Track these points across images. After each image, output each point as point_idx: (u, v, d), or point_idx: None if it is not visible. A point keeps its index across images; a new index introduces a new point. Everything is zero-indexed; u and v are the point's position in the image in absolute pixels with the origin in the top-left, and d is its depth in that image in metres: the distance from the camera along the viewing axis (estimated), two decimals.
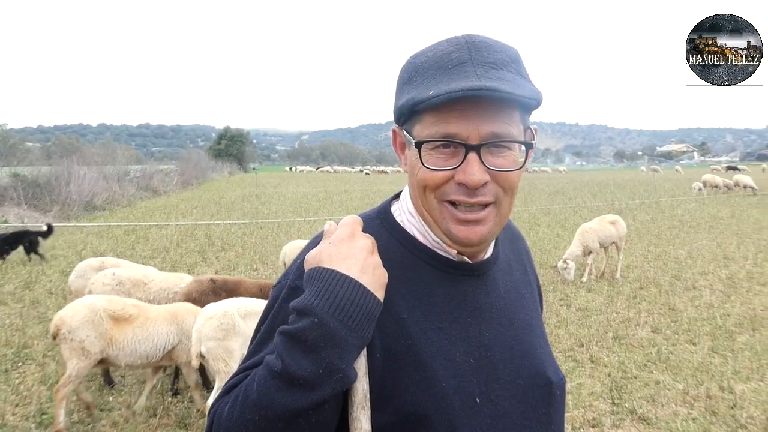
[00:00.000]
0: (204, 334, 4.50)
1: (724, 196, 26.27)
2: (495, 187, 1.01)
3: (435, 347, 1.02)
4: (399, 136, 1.09)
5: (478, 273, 1.11)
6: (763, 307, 7.85)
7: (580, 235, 9.73)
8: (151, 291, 5.51)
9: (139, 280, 5.54)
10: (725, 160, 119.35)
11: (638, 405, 4.95)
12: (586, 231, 9.78)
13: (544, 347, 1.18)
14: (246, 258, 11.55)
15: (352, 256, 0.94)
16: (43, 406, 4.98)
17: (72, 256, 11.64)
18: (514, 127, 0.99)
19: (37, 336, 6.73)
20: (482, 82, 0.92)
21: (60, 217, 18.38)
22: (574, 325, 7.17)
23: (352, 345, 0.89)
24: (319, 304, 0.88)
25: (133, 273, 5.62)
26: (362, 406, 0.95)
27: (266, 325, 1.04)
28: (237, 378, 0.98)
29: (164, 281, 5.64)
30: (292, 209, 22.11)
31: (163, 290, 5.56)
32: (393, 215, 1.15)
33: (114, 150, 36.36)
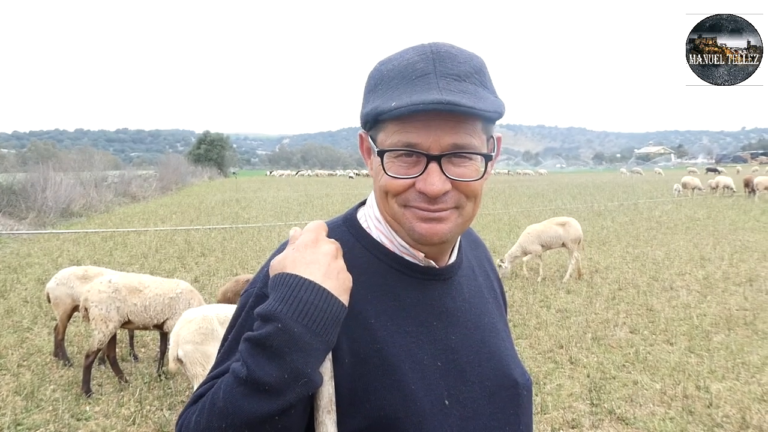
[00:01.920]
0: (182, 338, 4.49)
1: (701, 198, 26.70)
2: (456, 194, 1.02)
3: (403, 351, 1.03)
4: (365, 141, 1.10)
5: (444, 277, 1.13)
6: (738, 307, 7.97)
7: (522, 237, 9.96)
8: (147, 297, 5.52)
9: (134, 287, 5.55)
10: (701, 162, 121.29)
11: (617, 405, 5.00)
12: (528, 233, 9.97)
13: (509, 349, 1.20)
14: (226, 263, 11.46)
15: (316, 261, 0.95)
16: (18, 416, 4.88)
17: (48, 263, 11.45)
18: (476, 138, 1.00)
19: (11, 345, 6.60)
20: (443, 96, 0.93)
21: (36, 224, 18.08)
22: (554, 327, 7.22)
23: (316, 349, 0.90)
24: (283, 310, 0.89)
25: (129, 280, 5.63)
26: (328, 410, 0.95)
27: (234, 333, 1.04)
28: (204, 387, 0.97)
29: (160, 287, 5.64)
30: (272, 214, 22.02)
31: (158, 296, 5.56)
32: (359, 221, 1.16)
33: (91, 155, 35.94)
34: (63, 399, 5.21)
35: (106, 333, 5.36)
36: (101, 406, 5.14)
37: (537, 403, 5.07)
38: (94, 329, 5.37)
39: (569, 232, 9.93)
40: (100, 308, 5.34)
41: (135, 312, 5.46)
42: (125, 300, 5.44)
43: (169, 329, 5.53)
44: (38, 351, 6.46)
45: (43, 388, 5.47)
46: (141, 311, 5.47)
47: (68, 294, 6.01)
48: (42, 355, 6.33)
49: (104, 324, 5.34)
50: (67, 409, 5.01)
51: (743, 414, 4.77)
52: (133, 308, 5.45)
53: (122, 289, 5.46)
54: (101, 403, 5.19)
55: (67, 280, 6.08)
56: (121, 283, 5.50)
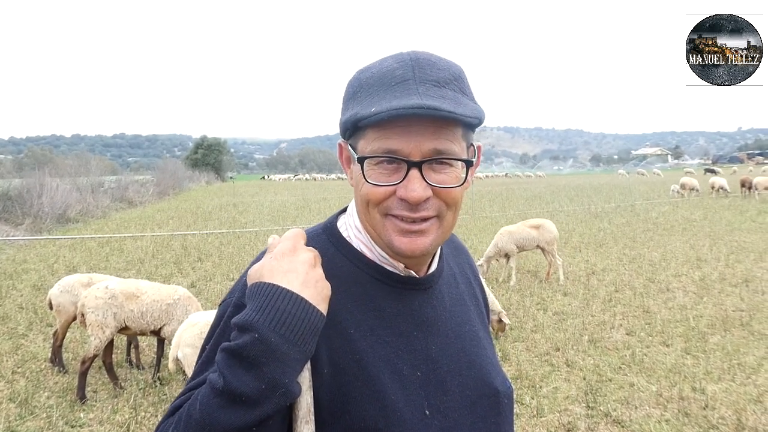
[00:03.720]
0: (183, 340, 4.56)
1: (697, 199, 26.73)
2: (437, 202, 1.01)
3: (382, 361, 1.02)
4: (345, 150, 1.10)
5: (425, 287, 1.12)
6: (734, 308, 7.98)
7: (496, 237, 10.01)
8: (144, 303, 5.51)
9: (131, 293, 5.54)
10: (698, 163, 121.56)
11: (613, 408, 4.99)
12: (501, 234, 10.01)
13: (491, 358, 1.19)
14: (223, 268, 11.44)
15: (294, 270, 0.93)
16: (12, 424, 4.86)
17: (44, 270, 11.43)
18: (456, 144, 1.00)
19: (6, 352, 6.58)
20: (423, 101, 0.93)
21: (32, 230, 18.04)
22: (551, 329, 7.22)
23: (294, 359, 0.89)
24: (260, 319, 0.87)
25: (127, 286, 5.61)
26: (306, 420, 0.94)
27: (211, 343, 1.03)
28: (181, 399, 0.96)
29: (157, 293, 5.62)
30: (270, 218, 21.99)
31: (155, 302, 5.54)
32: (339, 230, 1.15)
33: (88, 161, 35.82)
34: (57, 406, 5.19)
35: (103, 339, 5.35)
36: (95, 412, 5.12)
37: (533, 407, 5.06)
38: (91, 335, 5.37)
39: (543, 235, 9.95)
40: (97, 314, 5.34)
41: (132, 318, 5.45)
42: (122, 306, 5.43)
43: (166, 335, 5.52)
44: (33, 358, 6.43)
45: (37, 395, 5.45)
46: (138, 317, 5.46)
47: (72, 302, 5.95)
48: (37, 362, 6.31)
49: (101, 330, 5.33)
50: (61, 416, 5.00)
51: (739, 415, 4.77)
52: (129, 314, 5.44)
53: (119, 295, 5.45)
54: (95, 410, 5.17)
55: (72, 287, 6.04)
56: (118, 289, 5.49)
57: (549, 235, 9.95)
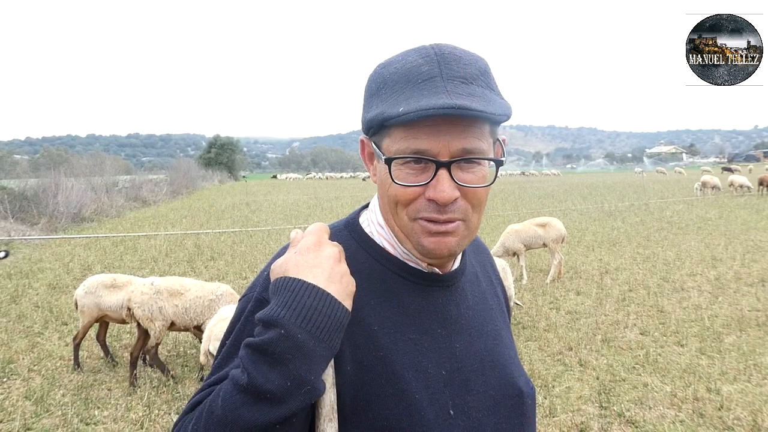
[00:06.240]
0: (215, 334, 4.75)
1: (713, 197, 26.46)
2: (464, 203, 0.99)
3: (407, 359, 1.01)
4: (367, 147, 1.08)
5: (448, 284, 1.10)
6: (750, 308, 7.88)
7: (503, 236, 10.01)
8: (188, 299, 5.79)
9: (176, 289, 5.82)
10: (713, 162, 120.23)
11: (626, 408, 4.95)
12: (508, 232, 10.00)
13: (513, 357, 1.17)
14: (235, 267, 11.49)
15: (319, 265, 0.92)
16: (28, 421, 4.92)
17: (59, 268, 11.54)
18: (484, 142, 0.98)
19: (22, 350, 6.66)
20: (453, 100, 0.90)
21: (47, 230, 18.24)
22: (563, 329, 7.18)
23: (320, 356, 0.87)
24: (286, 315, 0.86)
25: (171, 283, 5.91)
26: (329, 418, 0.93)
27: (232, 339, 1.01)
28: (201, 394, 0.94)
29: (200, 290, 5.89)
30: (282, 217, 22.06)
31: (198, 298, 5.82)
32: (361, 226, 1.13)
33: (103, 161, 36.20)
34: (72, 403, 5.24)
35: (156, 330, 5.70)
36: (110, 410, 5.17)
37: (546, 406, 5.03)
38: (147, 329, 5.73)
39: (549, 233, 9.91)
40: (143, 309, 5.67)
41: (177, 313, 5.74)
42: (166, 301, 5.73)
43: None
44: (49, 356, 6.50)
45: (53, 392, 5.51)
46: (182, 313, 5.75)
47: (95, 303, 6.02)
48: (52, 360, 6.37)
49: (151, 323, 5.68)
50: (76, 413, 5.04)
51: (755, 416, 4.71)
52: (174, 309, 5.72)
53: (164, 291, 5.77)
54: (110, 408, 5.21)
55: (96, 288, 6.09)
56: (162, 286, 5.81)
57: (555, 233, 9.93)
